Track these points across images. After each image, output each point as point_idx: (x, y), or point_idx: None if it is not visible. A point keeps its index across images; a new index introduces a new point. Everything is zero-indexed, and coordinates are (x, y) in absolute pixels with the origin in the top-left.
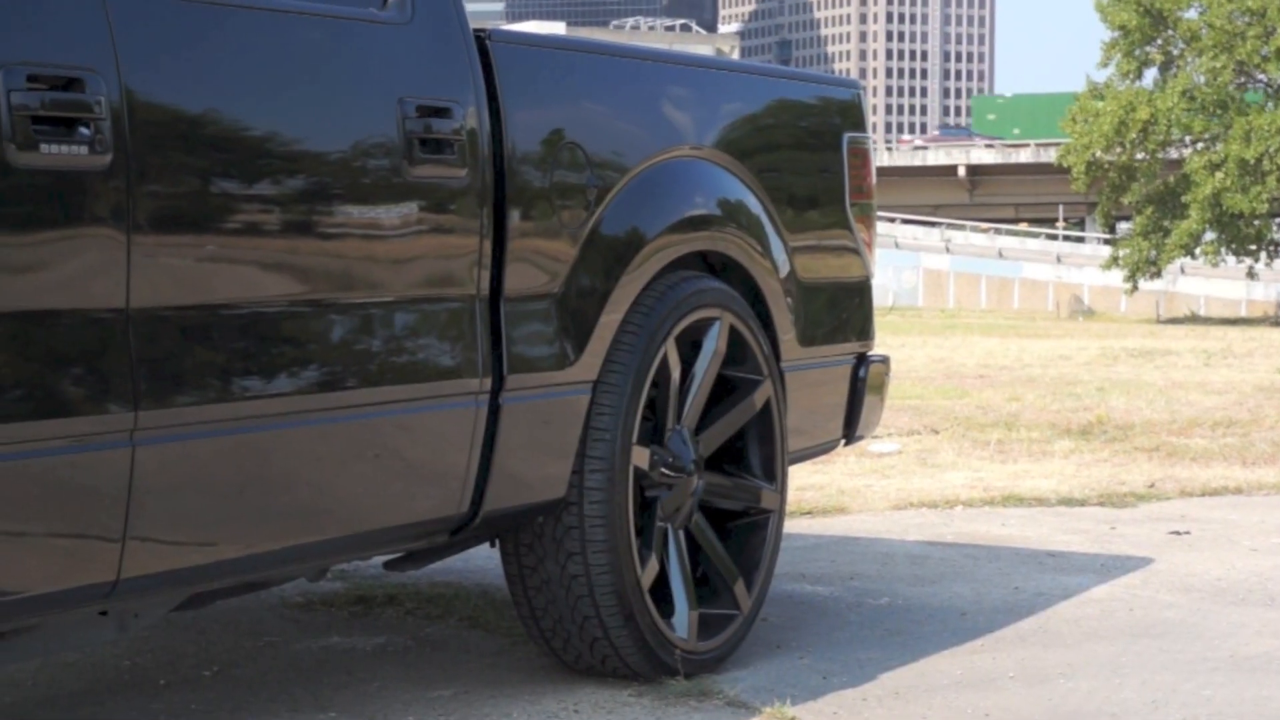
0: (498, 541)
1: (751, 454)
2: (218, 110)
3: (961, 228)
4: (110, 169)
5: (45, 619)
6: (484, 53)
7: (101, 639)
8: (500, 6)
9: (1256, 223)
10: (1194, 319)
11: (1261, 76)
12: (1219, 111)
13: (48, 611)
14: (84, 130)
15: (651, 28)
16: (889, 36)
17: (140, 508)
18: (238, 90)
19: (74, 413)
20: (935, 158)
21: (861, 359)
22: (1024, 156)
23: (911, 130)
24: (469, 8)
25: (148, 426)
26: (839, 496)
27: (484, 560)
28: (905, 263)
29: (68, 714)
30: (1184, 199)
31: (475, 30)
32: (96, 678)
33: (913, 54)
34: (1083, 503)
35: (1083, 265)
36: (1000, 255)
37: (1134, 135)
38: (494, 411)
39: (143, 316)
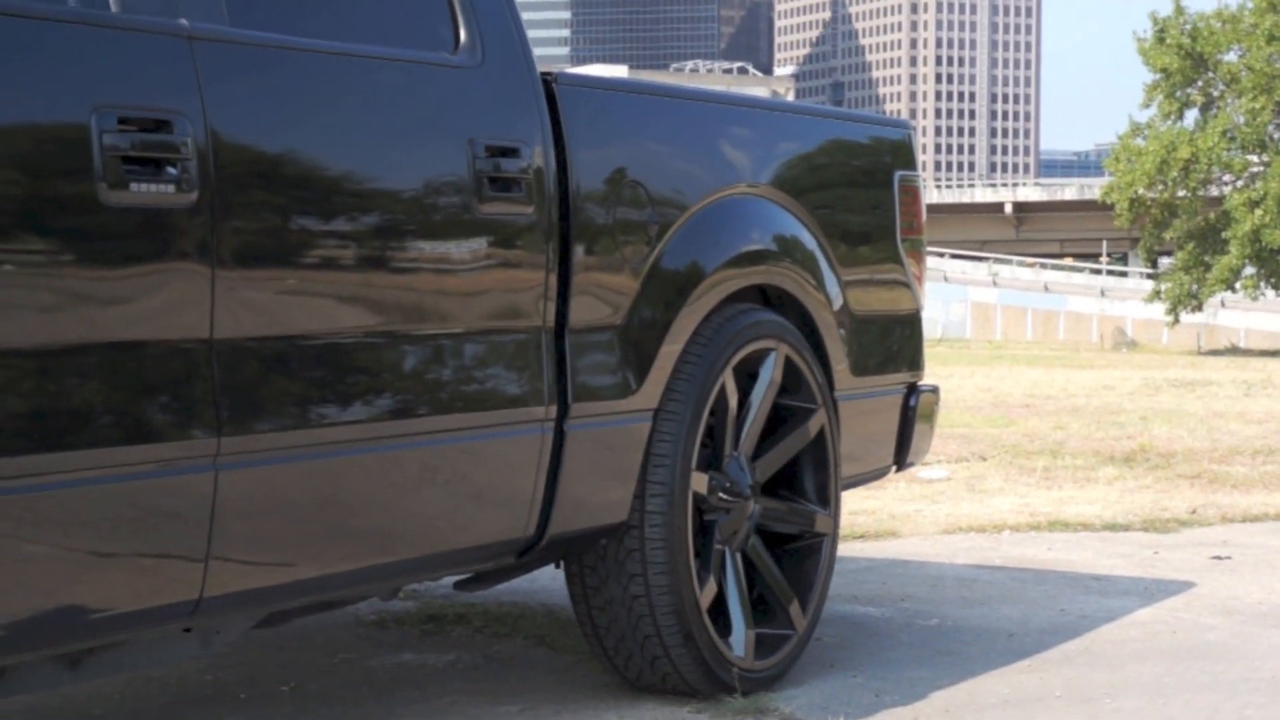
0: (562, 563)
1: (806, 480)
2: (297, 150)
3: (1008, 262)
4: (195, 206)
5: (132, 635)
6: (550, 95)
7: (185, 655)
8: (565, 50)
9: None
10: (1234, 351)
11: None
12: (1258, 150)
13: (135, 628)
14: (171, 170)
15: (710, 70)
16: (938, 79)
17: (222, 529)
18: (316, 131)
19: (160, 438)
20: (983, 195)
21: (912, 388)
22: (1069, 194)
23: (961, 169)
24: (535, 51)
25: (230, 452)
26: (890, 521)
27: (549, 581)
28: (954, 296)
29: None
30: (1224, 235)
31: (542, 73)
32: (180, 692)
33: (961, 95)
34: (1126, 528)
35: (1126, 299)
36: (1046, 289)
37: (1175, 173)
38: (559, 438)
39: (226, 347)
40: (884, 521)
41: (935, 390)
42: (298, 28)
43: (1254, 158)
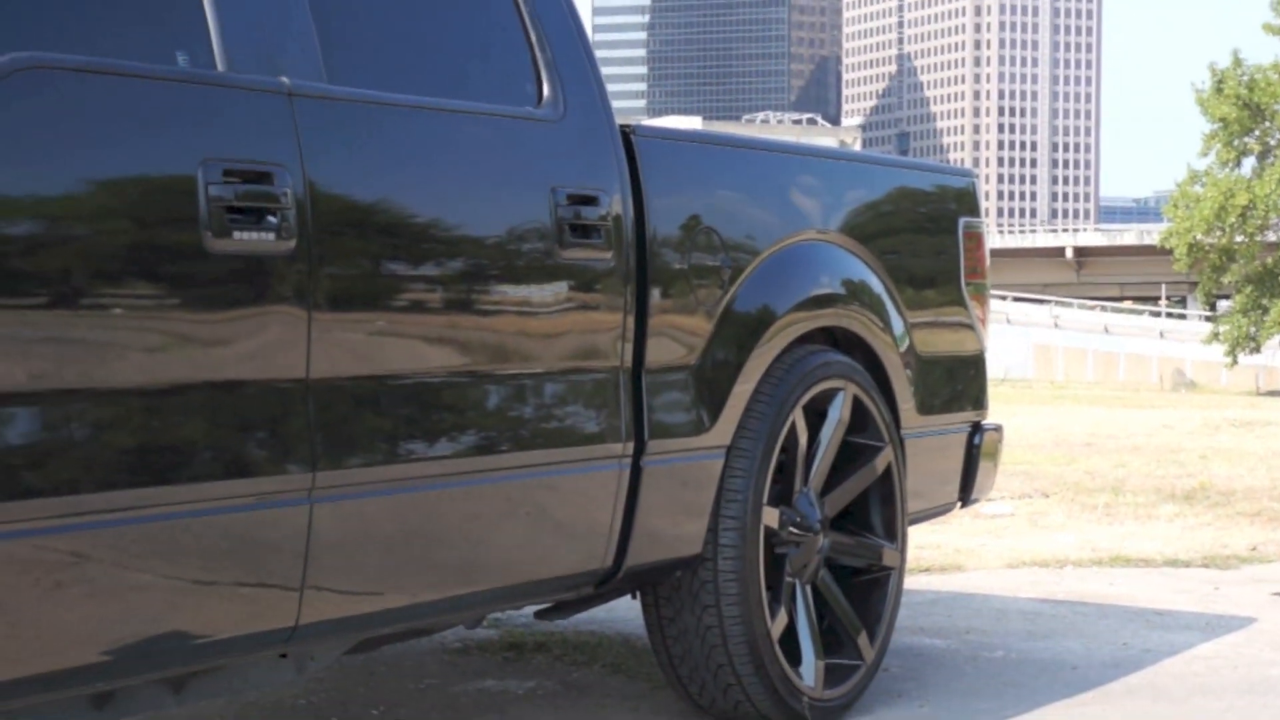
0: (639, 594)
1: (874, 515)
2: (389, 199)
3: (1069, 305)
4: (294, 253)
5: (232, 660)
6: (628, 146)
7: (281, 679)
8: (642, 104)
9: None
10: None
11: None
12: None
13: (234, 654)
14: (271, 218)
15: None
16: (1000, 128)
17: (317, 560)
18: (407, 181)
19: (259, 473)
20: (1044, 240)
21: (976, 427)
22: (1128, 239)
23: (1023, 215)
24: (614, 103)
25: (324, 486)
26: (955, 555)
27: (625, 611)
28: (1017, 338)
29: None
30: None
31: (620, 125)
32: (276, 715)
33: (1023, 144)
34: (1187, 564)
35: (1185, 341)
36: (1106, 331)
37: (1233, 219)
38: (636, 474)
39: (321, 386)
40: (949, 555)
41: (999, 429)
42: (391, 84)
43: None
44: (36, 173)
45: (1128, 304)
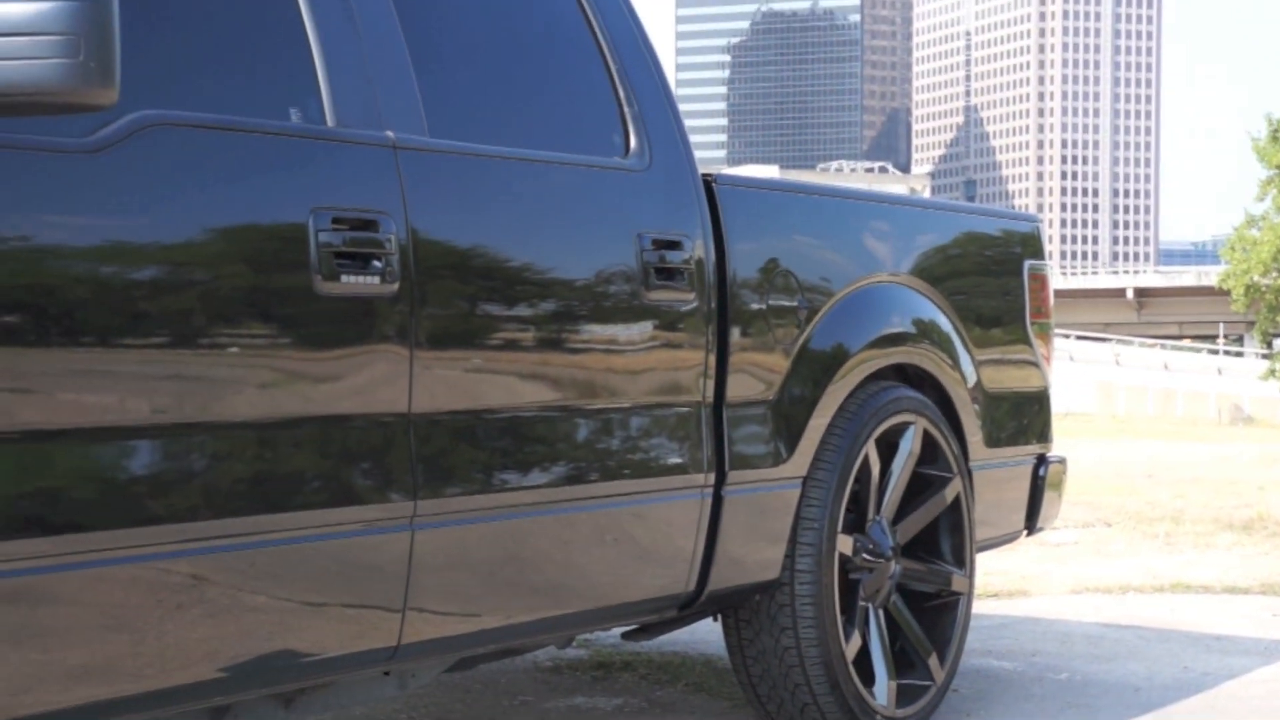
0: (720, 616)
1: (943, 542)
2: (486, 244)
3: (1130, 343)
4: (397, 295)
5: (338, 677)
6: (710, 193)
7: (384, 696)
8: (723, 153)
9: None
10: None
11: None
12: None
13: (341, 671)
14: (376, 263)
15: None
16: (1063, 175)
17: (418, 584)
18: (503, 227)
19: (363, 501)
20: (1106, 281)
21: (1041, 459)
22: (1187, 280)
23: (1085, 257)
24: (696, 153)
25: (425, 514)
26: (1021, 581)
27: (707, 633)
28: (1080, 374)
29: None
30: None
31: (703, 174)
32: None
33: (1084, 191)
34: (1245, 591)
35: (1242, 377)
36: (1166, 368)
37: None
38: (717, 503)
39: (422, 420)
40: (1016, 581)
41: (1063, 461)
42: (489, 137)
43: None
44: (162, 220)
45: (1187, 342)
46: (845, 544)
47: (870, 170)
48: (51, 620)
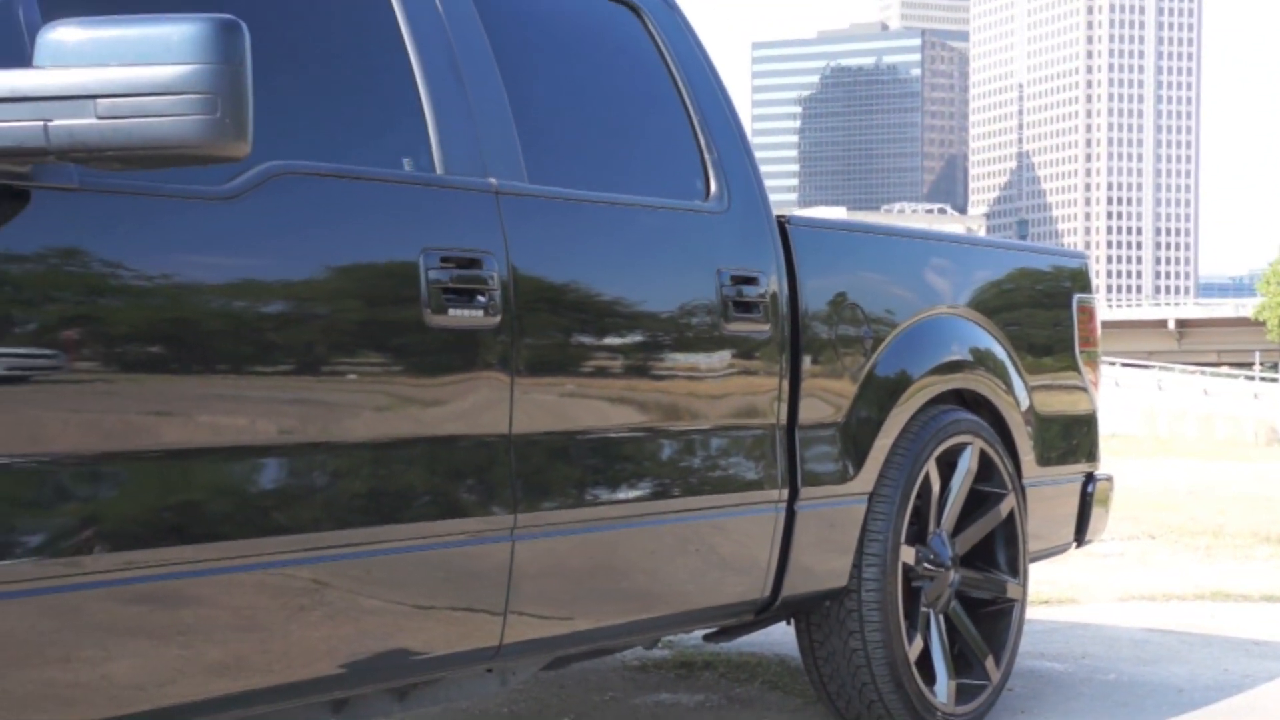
0: (793, 620)
1: (999, 553)
2: (579, 280)
3: (1171, 370)
4: (499, 327)
5: (446, 674)
6: (783, 233)
7: (487, 692)
8: (794, 196)
9: None
10: None
11: None
12: None
13: (448, 669)
14: (481, 298)
15: (914, 211)
16: (1109, 215)
17: (518, 589)
18: (595, 264)
19: (468, 514)
20: (1149, 313)
21: (1089, 477)
22: (1225, 312)
23: (1129, 290)
24: (770, 196)
25: (524, 526)
26: (1071, 589)
27: (781, 635)
28: (1125, 399)
29: None
30: None
31: (777, 216)
32: None
33: (1128, 229)
34: None
35: (1277, 401)
36: (1205, 393)
37: None
38: (790, 516)
39: (521, 440)
40: (1066, 590)
41: (1110, 478)
42: (582, 182)
43: None
44: (288, 260)
45: (1225, 369)
46: (908, 554)
47: (930, 211)
48: (192, 620)
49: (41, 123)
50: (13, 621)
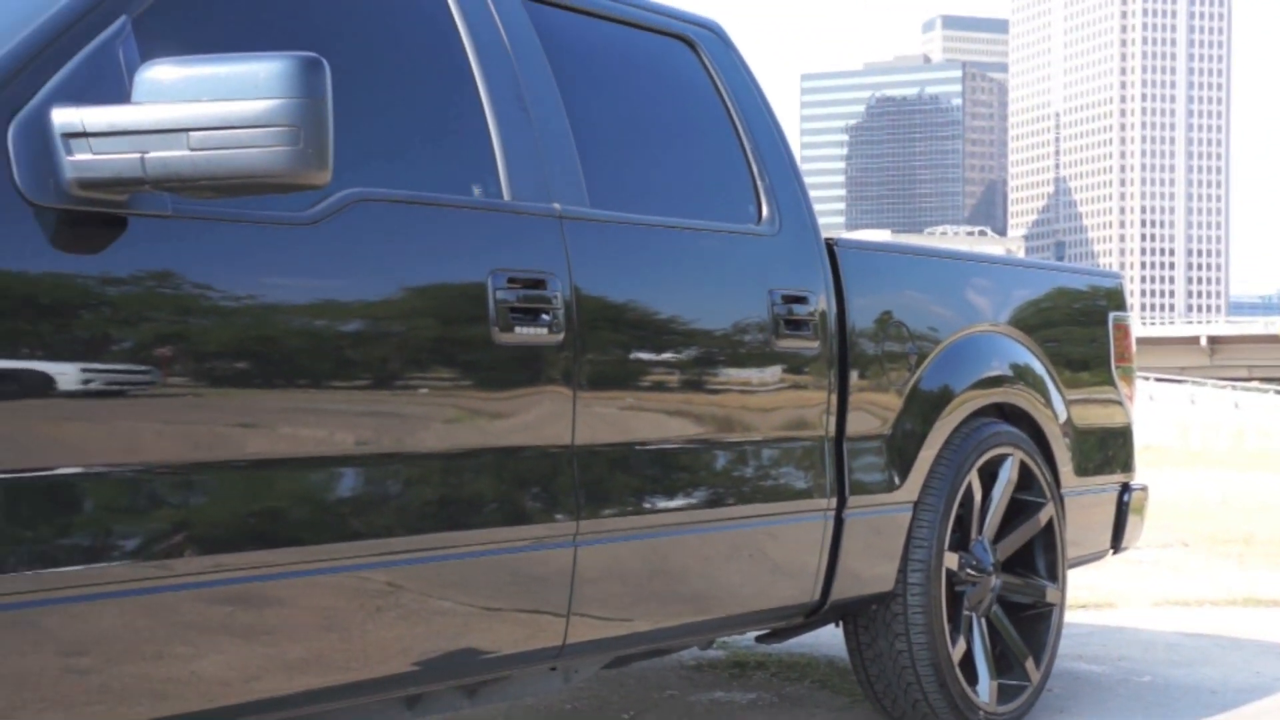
0: (841, 623)
1: (1038, 559)
2: (639, 299)
3: (1203, 385)
4: (562, 344)
5: (513, 672)
6: (831, 254)
7: (551, 689)
8: (842, 219)
9: None
10: None
11: None
12: None
13: (514, 667)
14: (545, 316)
15: (956, 233)
16: (1142, 237)
17: (580, 592)
18: (653, 284)
19: (534, 521)
20: (1181, 330)
21: (1125, 487)
22: (1255, 329)
23: (1162, 309)
24: (819, 220)
25: (586, 532)
26: (1108, 594)
27: (830, 637)
28: (1159, 412)
29: None
30: None
31: (825, 238)
32: (549, 716)
33: (1161, 250)
34: None
35: None
36: (1236, 407)
37: None
38: (839, 524)
39: (583, 451)
40: (1103, 595)
41: (1145, 488)
42: (640, 206)
43: None
44: (365, 281)
45: (1255, 384)
46: (951, 560)
47: (971, 233)
48: (275, 620)
49: (139, 155)
50: (111, 620)
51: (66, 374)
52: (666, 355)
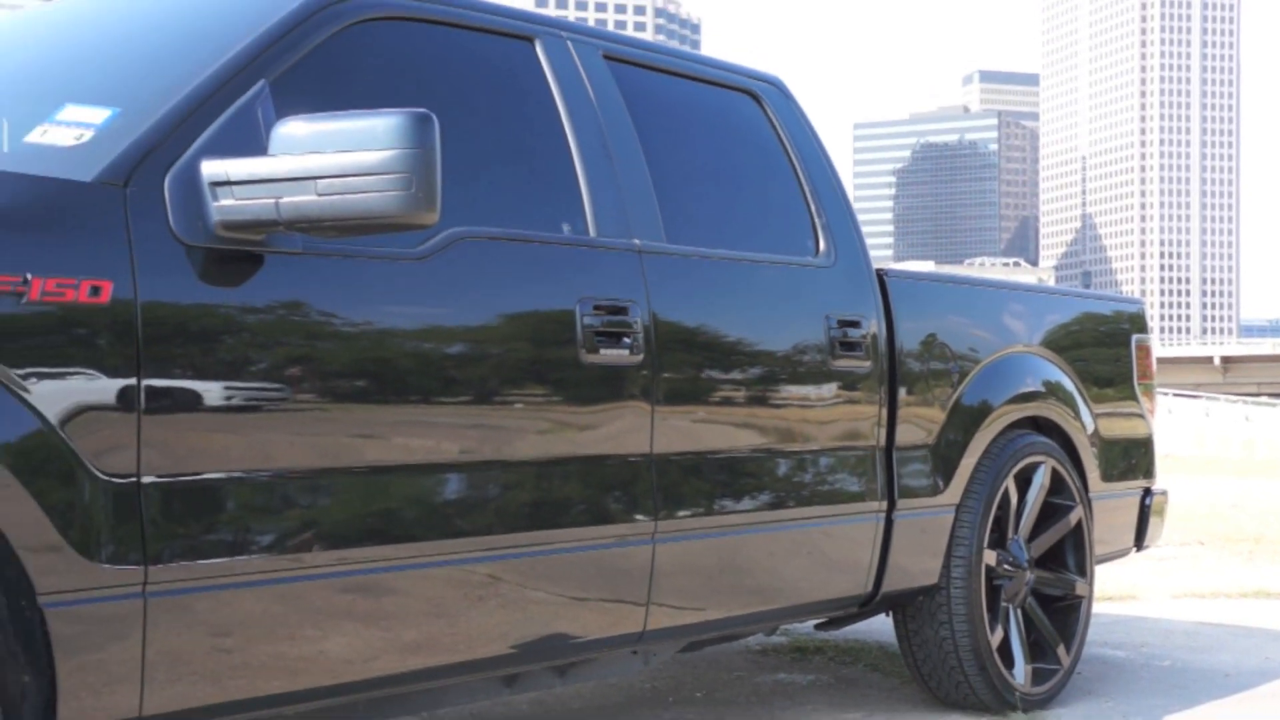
0: (891, 612)
1: (1068, 556)
2: (709, 324)
3: (1217, 400)
4: (641, 364)
5: (598, 654)
6: (881, 283)
7: (632, 670)
8: (890, 252)
9: None
10: None
11: None
12: None
13: (600, 650)
14: (626, 340)
15: (992, 264)
16: (1161, 267)
17: (658, 584)
18: (722, 311)
19: (616, 521)
20: (1196, 350)
21: (1147, 491)
22: (1265, 349)
23: (1178, 331)
24: (870, 252)
25: (663, 531)
26: (1131, 587)
27: (881, 625)
28: (1177, 424)
29: (616, 716)
30: None
31: (876, 269)
32: (630, 694)
33: (1178, 279)
34: None
35: None
36: (1247, 420)
37: None
38: (889, 524)
39: (660, 459)
40: (1126, 588)
41: (1165, 492)
42: (711, 241)
43: None
44: (468, 309)
45: (1265, 399)
46: (990, 557)
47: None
48: (391, 607)
49: (274, 200)
50: (250, 605)
51: (212, 391)
52: (734, 374)
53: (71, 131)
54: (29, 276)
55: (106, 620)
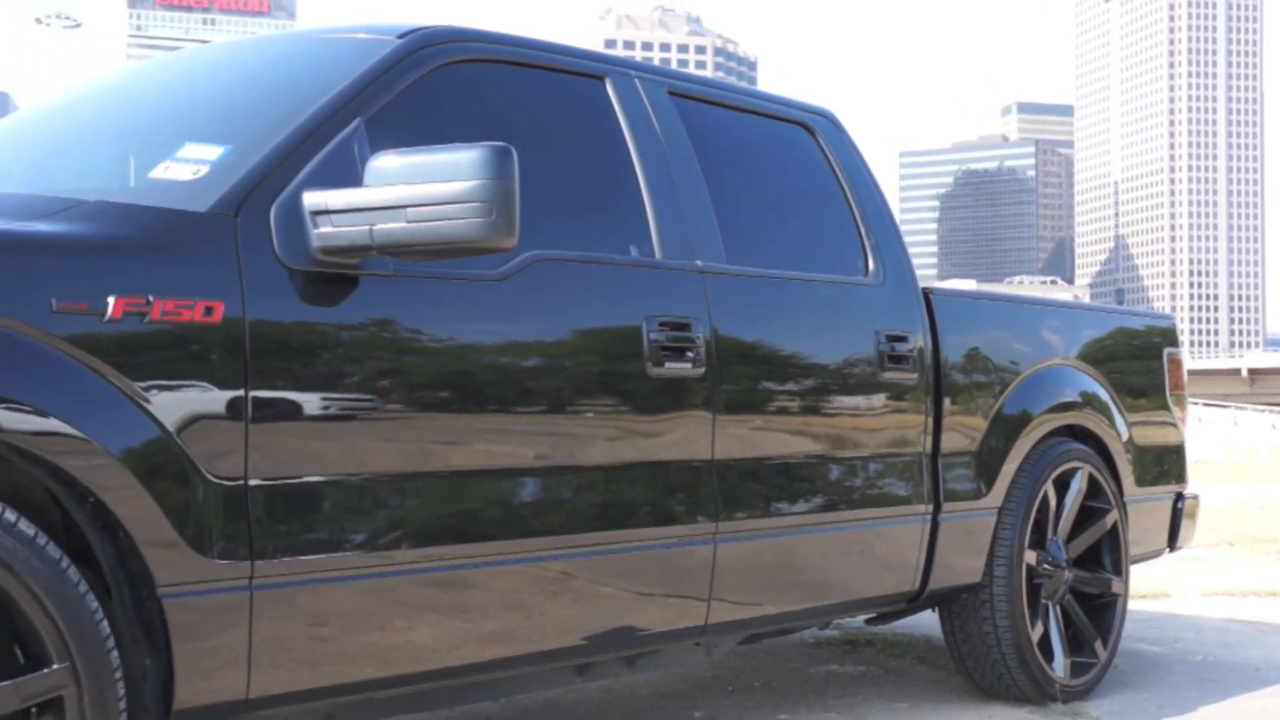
0: (937, 608)
1: (1105, 557)
2: (766, 339)
3: (1245, 409)
4: (704, 377)
5: (664, 646)
6: (927, 301)
7: (695, 661)
8: (934, 271)
9: None
10: None
11: None
12: None
13: (666, 642)
14: (689, 354)
15: (1030, 282)
16: (1190, 285)
17: (719, 581)
18: (778, 327)
19: (680, 522)
20: (1225, 363)
21: (1179, 495)
22: None
23: (1208, 345)
24: (916, 272)
25: (724, 532)
26: (1164, 586)
27: (927, 620)
28: (1206, 433)
29: (680, 703)
30: None
31: (922, 287)
32: (693, 683)
33: (1207, 295)
34: None
35: None
36: (1274, 428)
37: None
38: (935, 526)
39: (721, 465)
40: (1160, 586)
41: (1196, 497)
42: (768, 261)
43: None
44: (543, 325)
45: None
46: (1030, 557)
47: (1044, 282)
48: (472, 600)
49: (368, 227)
50: (345, 598)
51: (311, 401)
52: (789, 385)
53: (190, 167)
54: (150, 298)
55: (217, 610)
